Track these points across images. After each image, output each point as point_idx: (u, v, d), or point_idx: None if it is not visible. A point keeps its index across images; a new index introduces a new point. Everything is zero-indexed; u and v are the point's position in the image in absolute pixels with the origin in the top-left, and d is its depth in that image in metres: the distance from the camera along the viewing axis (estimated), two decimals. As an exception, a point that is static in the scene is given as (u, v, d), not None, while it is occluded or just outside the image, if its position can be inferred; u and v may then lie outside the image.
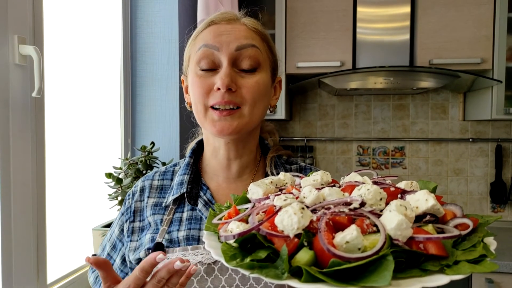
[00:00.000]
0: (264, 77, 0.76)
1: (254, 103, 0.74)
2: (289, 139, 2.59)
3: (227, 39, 0.73)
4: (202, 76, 0.73)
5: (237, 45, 0.72)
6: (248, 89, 0.72)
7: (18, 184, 1.00)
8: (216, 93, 0.71)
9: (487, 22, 2.04)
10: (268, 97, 0.79)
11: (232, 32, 0.74)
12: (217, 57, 0.73)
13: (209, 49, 0.73)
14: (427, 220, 0.47)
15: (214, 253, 0.45)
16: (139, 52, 1.72)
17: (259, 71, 0.75)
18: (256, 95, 0.73)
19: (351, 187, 0.52)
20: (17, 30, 1.00)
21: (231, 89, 0.71)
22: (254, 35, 0.76)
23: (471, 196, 2.45)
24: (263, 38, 0.78)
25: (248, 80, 0.73)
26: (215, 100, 0.72)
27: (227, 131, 0.72)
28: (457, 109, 2.45)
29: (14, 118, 0.99)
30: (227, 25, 0.75)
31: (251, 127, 0.76)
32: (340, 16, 2.14)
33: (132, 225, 0.81)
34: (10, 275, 0.97)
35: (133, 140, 1.74)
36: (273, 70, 0.81)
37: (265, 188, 0.56)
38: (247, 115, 0.73)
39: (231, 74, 0.71)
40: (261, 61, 0.75)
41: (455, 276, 0.39)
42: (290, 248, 0.40)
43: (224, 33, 0.73)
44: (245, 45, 0.73)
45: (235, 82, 0.72)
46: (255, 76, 0.74)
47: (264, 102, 0.77)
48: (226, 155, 0.80)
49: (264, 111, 0.78)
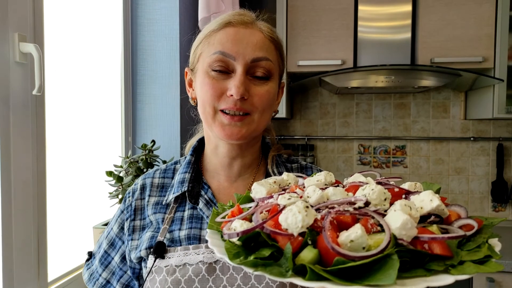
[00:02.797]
0: (273, 86, 0.78)
1: (263, 111, 0.76)
2: (290, 138, 2.59)
3: (244, 50, 0.73)
4: (215, 79, 0.74)
5: (253, 57, 0.73)
6: (259, 97, 0.74)
7: (18, 182, 1.00)
8: (229, 99, 0.73)
9: (488, 21, 2.03)
10: (274, 104, 0.81)
11: (249, 40, 0.74)
12: (231, 64, 0.74)
13: (225, 58, 0.73)
14: (432, 220, 0.47)
15: (217, 251, 0.44)
16: (139, 50, 1.72)
17: (270, 80, 0.77)
18: (265, 104, 0.75)
19: (355, 187, 0.52)
20: (18, 27, 1.00)
21: (243, 97, 0.72)
22: (269, 44, 0.77)
23: (472, 195, 2.45)
24: (277, 46, 0.80)
25: (259, 89, 0.75)
26: (226, 105, 0.73)
27: (236, 136, 0.74)
28: (458, 108, 2.45)
29: (14, 116, 0.99)
30: (245, 30, 0.75)
31: (258, 133, 0.79)
32: (341, 15, 2.13)
33: (133, 223, 0.81)
34: (11, 273, 0.97)
35: (134, 138, 1.73)
36: (281, 77, 0.83)
37: (268, 187, 0.56)
38: (256, 121, 0.75)
39: (245, 83, 0.73)
40: (273, 72, 0.77)
41: (460, 276, 0.39)
42: (294, 246, 0.40)
43: (242, 41, 0.74)
44: (261, 57, 0.74)
45: (248, 91, 0.73)
46: (266, 85, 0.76)
47: (270, 110, 0.79)
48: (228, 154, 0.80)
49: (270, 117, 0.81)
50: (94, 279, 0.84)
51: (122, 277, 0.82)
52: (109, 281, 0.83)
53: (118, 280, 0.82)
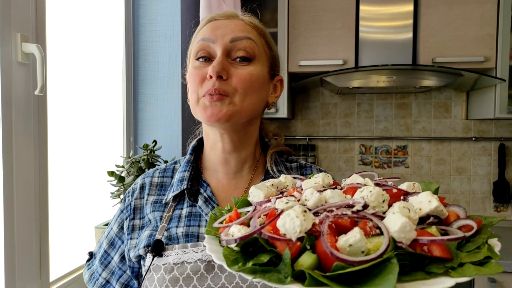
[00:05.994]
0: (258, 69, 0.75)
1: (245, 93, 0.73)
2: (291, 138, 2.59)
3: (223, 32, 0.74)
4: (197, 67, 0.75)
5: (232, 37, 0.74)
6: (239, 79, 0.73)
7: (20, 182, 1.00)
8: (208, 82, 0.72)
9: (490, 20, 2.03)
10: (264, 91, 0.79)
11: (228, 25, 0.75)
12: (212, 49, 0.74)
13: (206, 42, 0.74)
14: (431, 222, 0.46)
15: (215, 257, 0.44)
16: (141, 50, 1.72)
17: (254, 63, 0.75)
18: (247, 86, 0.73)
19: (353, 189, 0.51)
20: (20, 28, 1.00)
21: (222, 77, 0.71)
22: (250, 29, 0.77)
23: (474, 195, 2.44)
24: (260, 32, 0.79)
25: (241, 71, 0.73)
26: (206, 87, 0.72)
27: (216, 116, 0.71)
28: (460, 108, 2.44)
29: (16, 116, 0.99)
30: (225, 20, 0.77)
31: (243, 116, 0.75)
32: (343, 14, 2.13)
33: (132, 222, 0.81)
34: (13, 272, 0.98)
35: (136, 138, 1.74)
36: (272, 65, 0.81)
37: (266, 190, 0.55)
38: (238, 103, 0.73)
39: (223, 63, 0.72)
40: (256, 53, 0.76)
41: (460, 279, 0.39)
42: (293, 251, 0.40)
43: (221, 27, 0.75)
44: (240, 37, 0.74)
45: (226, 71, 0.72)
46: (248, 67, 0.74)
47: (258, 95, 0.76)
48: (223, 147, 0.80)
49: (259, 104, 0.78)
50: (94, 279, 0.85)
51: (121, 276, 0.82)
52: (108, 281, 0.83)
53: (118, 280, 0.83)
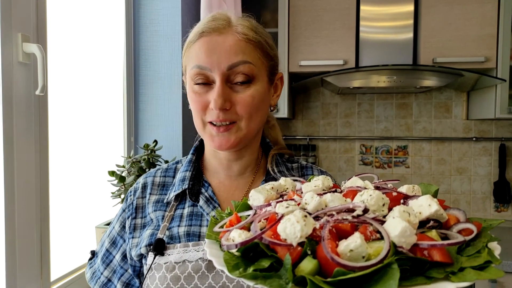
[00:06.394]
0: (259, 88, 0.75)
1: (250, 117, 0.74)
2: (292, 138, 2.59)
3: (218, 59, 0.71)
4: (197, 93, 0.74)
5: (228, 64, 0.71)
6: (242, 104, 0.73)
7: (21, 182, 1.00)
8: (213, 111, 0.73)
9: (491, 21, 2.02)
10: (265, 103, 0.79)
11: (222, 47, 0.72)
12: (210, 76, 0.73)
13: (202, 70, 0.73)
14: (431, 225, 0.46)
15: (216, 262, 0.44)
16: (142, 50, 1.72)
17: (254, 83, 0.74)
18: (251, 109, 0.74)
19: (353, 192, 0.51)
20: (21, 28, 1.00)
21: (225, 108, 0.72)
22: (246, 46, 0.73)
23: (474, 196, 2.44)
24: (256, 45, 0.75)
25: (242, 95, 0.73)
26: (211, 117, 0.73)
27: (225, 146, 0.74)
28: (460, 108, 2.44)
29: (17, 116, 0.99)
30: (218, 37, 0.72)
31: (249, 138, 0.78)
32: (343, 15, 2.13)
33: (134, 221, 0.82)
34: (14, 272, 0.98)
35: (136, 138, 1.74)
36: (271, 73, 0.80)
37: (266, 194, 0.55)
38: (244, 128, 0.74)
39: (225, 93, 0.72)
40: (255, 73, 0.74)
41: (460, 284, 0.39)
42: (294, 257, 0.40)
43: (215, 50, 0.72)
44: (236, 63, 0.71)
45: (229, 100, 0.72)
46: (249, 90, 0.73)
47: (261, 111, 0.77)
48: (226, 157, 0.81)
49: (262, 119, 0.79)
50: (96, 277, 0.85)
51: (123, 275, 0.83)
52: (110, 279, 0.84)
53: (119, 279, 0.83)
